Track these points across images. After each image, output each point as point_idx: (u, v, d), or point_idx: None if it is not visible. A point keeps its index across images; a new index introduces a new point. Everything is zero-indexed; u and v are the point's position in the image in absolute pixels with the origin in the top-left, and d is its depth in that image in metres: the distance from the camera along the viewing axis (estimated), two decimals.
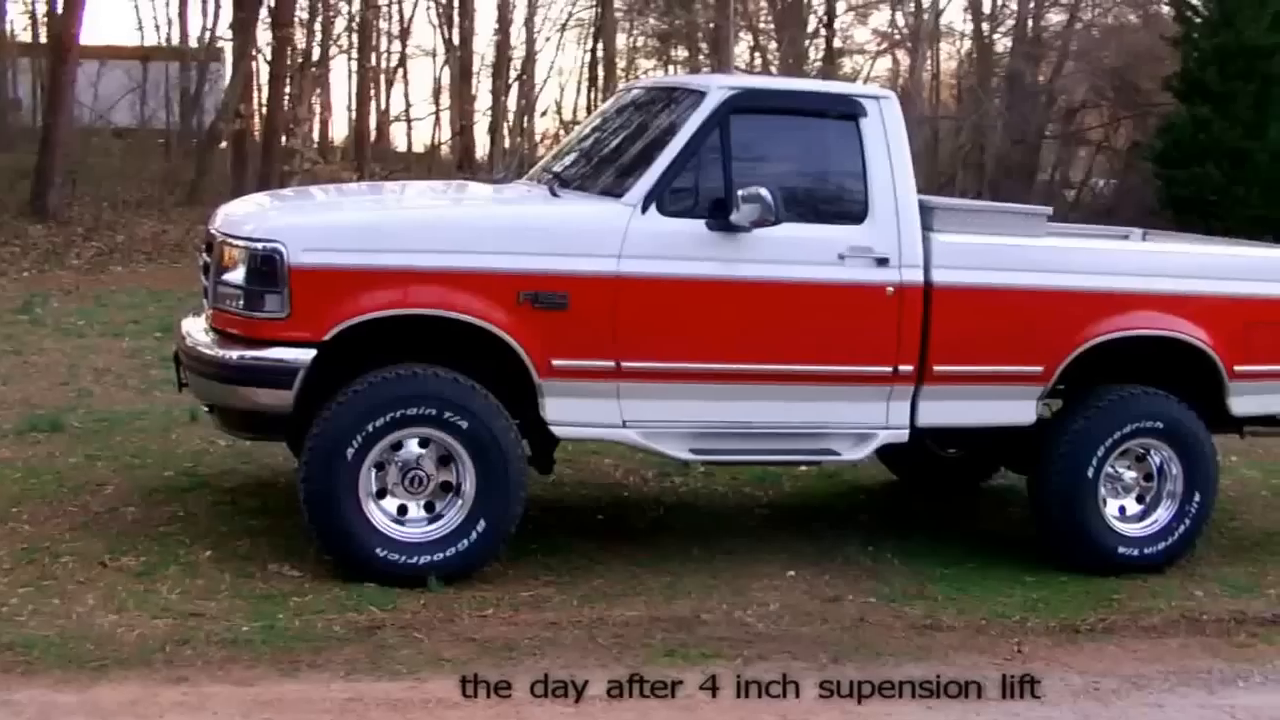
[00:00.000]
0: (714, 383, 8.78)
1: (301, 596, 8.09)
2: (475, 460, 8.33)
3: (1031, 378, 9.34)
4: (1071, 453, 9.46)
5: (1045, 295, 9.29)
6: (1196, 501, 9.73)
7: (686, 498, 10.97)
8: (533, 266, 8.37)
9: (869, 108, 9.12)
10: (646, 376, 8.63)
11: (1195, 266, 9.88)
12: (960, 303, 9.11)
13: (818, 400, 9.01)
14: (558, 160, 10.21)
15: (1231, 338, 9.69)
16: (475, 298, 8.26)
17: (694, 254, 8.63)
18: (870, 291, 8.93)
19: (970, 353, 9.20)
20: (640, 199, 8.60)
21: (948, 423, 9.42)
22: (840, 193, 9.21)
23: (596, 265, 8.45)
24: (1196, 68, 33.48)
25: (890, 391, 9.08)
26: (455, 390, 8.27)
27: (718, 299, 8.73)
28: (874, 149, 9.05)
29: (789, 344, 8.87)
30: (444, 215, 9.05)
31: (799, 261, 8.83)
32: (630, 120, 9.85)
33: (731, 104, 8.86)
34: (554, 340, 8.41)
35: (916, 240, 9.02)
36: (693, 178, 8.76)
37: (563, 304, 8.39)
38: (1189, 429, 9.70)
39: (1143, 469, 9.74)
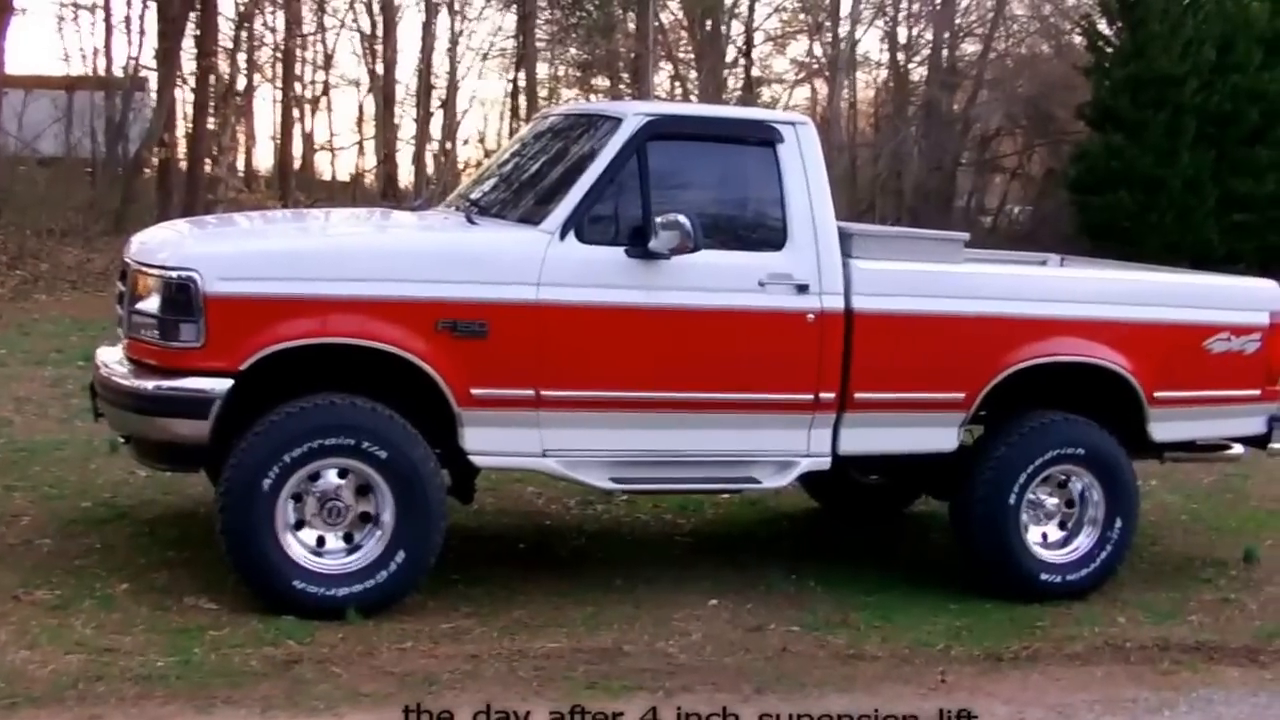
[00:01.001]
0: (634, 411, 8.58)
1: (218, 630, 7.82)
2: (394, 490, 8.09)
3: (953, 404, 9.19)
4: (993, 479, 9.31)
5: (965, 321, 9.15)
6: (1118, 528, 9.61)
7: (609, 526, 10.76)
8: (451, 295, 8.14)
9: (786, 134, 8.95)
10: (566, 405, 8.41)
11: (1115, 292, 9.76)
12: (881, 329, 8.94)
13: (739, 428, 8.83)
14: (476, 187, 9.97)
15: (1151, 364, 9.57)
16: (393, 326, 8.03)
17: (613, 281, 8.43)
18: (790, 318, 8.75)
19: (891, 379, 9.03)
20: (558, 226, 8.39)
21: (869, 450, 9.25)
22: (759, 219, 9.04)
23: (515, 293, 8.24)
24: (1109, 96, 33.67)
25: (812, 419, 8.91)
26: (374, 420, 8.04)
27: (637, 327, 8.54)
28: (792, 175, 8.88)
29: (709, 372, 8.68)
30: (360, 243, 8.81)
31: (719, 289, 8.64)
32: (548, 147, 9.63)
33: (648, 130, 8.67)
34: (473, 369, 8.19)
35: (836, 266, 8.84)
36: (611, 205, 8.56)
37: (481, 332, 8.17)
38: (1110, 455, 9.57)
39: (1064, 495, 9.61)
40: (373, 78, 34.77)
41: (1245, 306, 10.02)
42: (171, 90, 28.01)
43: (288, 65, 33.67)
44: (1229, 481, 13.21)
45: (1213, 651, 8.75)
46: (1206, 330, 9.81)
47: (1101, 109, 33.85)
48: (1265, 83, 31.77)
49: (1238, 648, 8.84)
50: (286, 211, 10.72)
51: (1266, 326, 9.96)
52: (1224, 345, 9.81)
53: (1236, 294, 10.27)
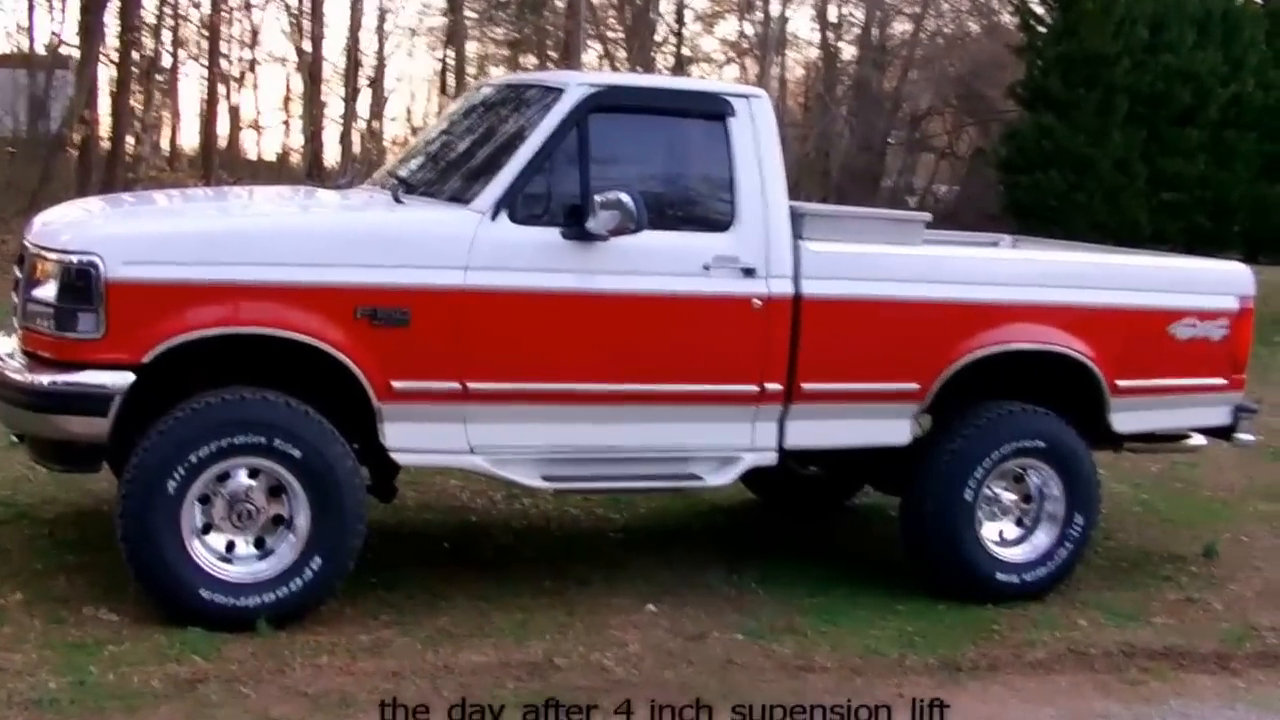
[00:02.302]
0: (568, 404, 7.87)
1: (118, 645, 7.07)
2: (309, 491, 7.36)
3: (907, 395, 8.54)
4: (948, 474, 8.66)
5: (922, 307, 8.49)
6: (1078, 524, 8.99)
7: (537, 522, 10.05)
8: (371, 280, 7.41)
9: (738, 107, 8.26)
10: (495, 398, 7.70)
11: (1076, 276, 9.07)
12: (831, 316, 8.28)
13: (679, 422, 8.14)
14: (404, 164, 9.19)
15: (1113, 351, 8.95)
16: (308, 314, 7.29)
17: (548, 265, 7.73)
18: (736, 304, 8.07)
19: (842, 369, 8.37)
20: (490, 206, 7.68)
21: (818, 444, 8.60)
22: (706, 198, 8.34)
23: (441, 278, 7.52)
24: (1040, 76, 33.66)
25: (756, 412, 8.24)
26: (287, 416, 7.30)
27: (573, 314, 7.82)
28: (743, 151, 8.19)
29: (649, 362, 8.00)
30: (274, 225, 7.95)
31: (660, 273, 7.95)
32: (481, 121, 8.86)
33: (591, 102, 7.96)
34: (394, 360, 7.46)
35: (786, 249, 8.18)
36: (547, 182, 7.84)
37: (403, 320, 7.44)
38: (1070, 448, 8.95)
39: (1021, 490, 8.98)
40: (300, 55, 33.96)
41: (1212, 290, 9.40)
42: (93, 67, 27.07)
43: (213, 41, 32.71)
44: (1177, 470, 12.68)
45: (1181, 658, 8.16)
46: (1171, 315, 9.19)
47: (1033, 88, 33.84)
48: (1197, 63, 31.78)
49: (1207, 653, 8.26)
50: (208, 190, 9.91)
51: (1234, 312, 9.35)
52: (1189, 331, 9.20)
53: (1203, 277, 9.65)
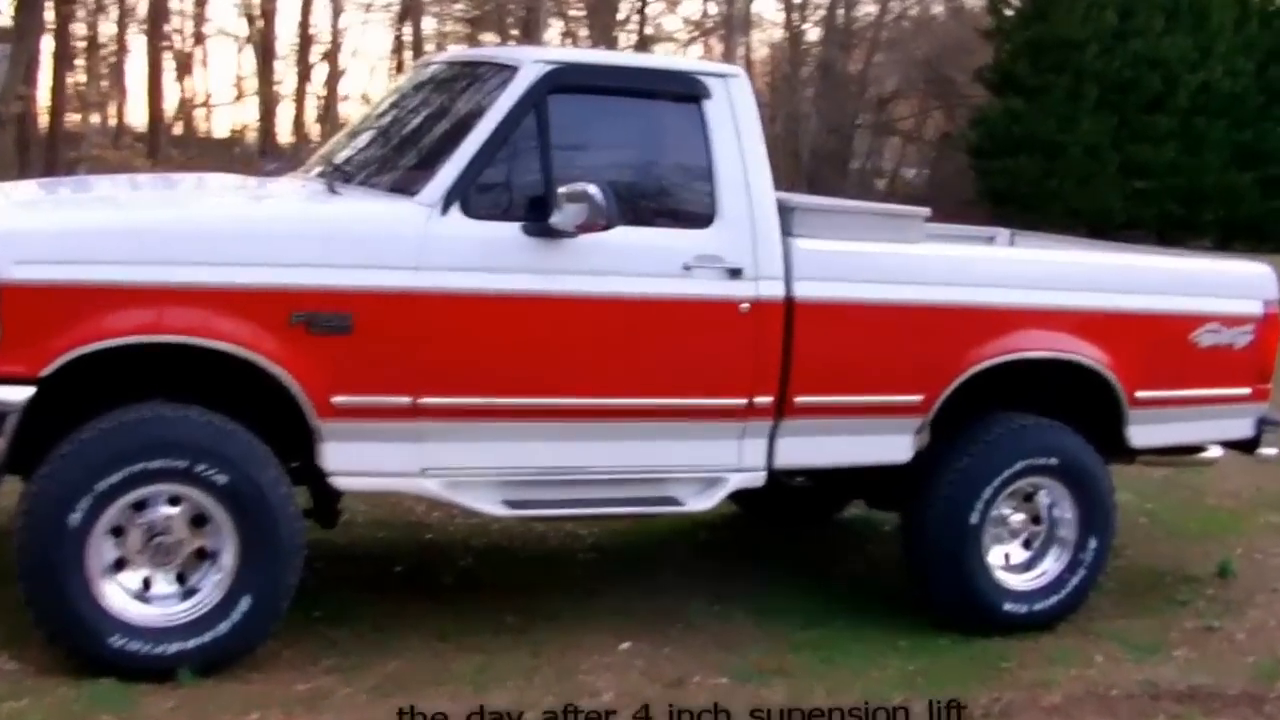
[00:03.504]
0: (531, 420, 6.94)
1: (16, 700, 6.11)
2: (237, 521, 6.41)
3: (909, 408, 7.64)
4: (953, 495, 7.78)
5: (927, 312, 7.58)
6: (1092, 548, 8.13)
7: (499, 540, 9.10)
8: (308, 281, 6.45)
9: (713, 87, 7.33)
10: (449, 414, 6.76)
11: (1093, 278, 8.16)
12: (827, 321, 7.37)
13: (657, 439, 7.21)
14: (341, 149, 8.17)
15: (1132, 359, 8.07)
16: (236, 321, 6.33)
17: (506, 265, 6.79)
18: (720, 308, 7.16)
19: (838, 380, 7.46)
20: (439, 197, 6.73)
21: (811, 463, 7.70)
22: (683, 190, 7.42)
23: (386, 279, 6.57)
24: (1009, 60, 33.18)
25: (744, 428, 7.33)
26: (210, 436, 6.35)
27: (535, 319, 6.89)
28: (721, 137, 7.27)
29: (622, 373, 7.08)
30: (194, 219, 6.93)
31: (634, 273, 7.03)
32: (428, 101, 7.87)
33: (549, 81, 7.01)
34: (335, 372, 6.52)
35: (775, 247, 7.26)
36: (504, 171, 6.91)
37: (345, 327, 6.50)
38: (1086, 465, 8.08)
39: (1030, 510, 8.10)
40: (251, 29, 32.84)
41: (1237, 294, 8.50)
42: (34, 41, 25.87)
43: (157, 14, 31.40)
44: (1180, 476, 11.71)
45: (1211, 700, 7.28)
46: (1194, 321, 8.30)
47: (1002, 73, 33.32)
48: (1165, 49, 31.35)
49: (1237, 694, 7.39)
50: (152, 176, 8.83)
51: (1260, 317, 8.46)
52: (1213, 338, 8.31)
53: (1228, 280, 8.70)
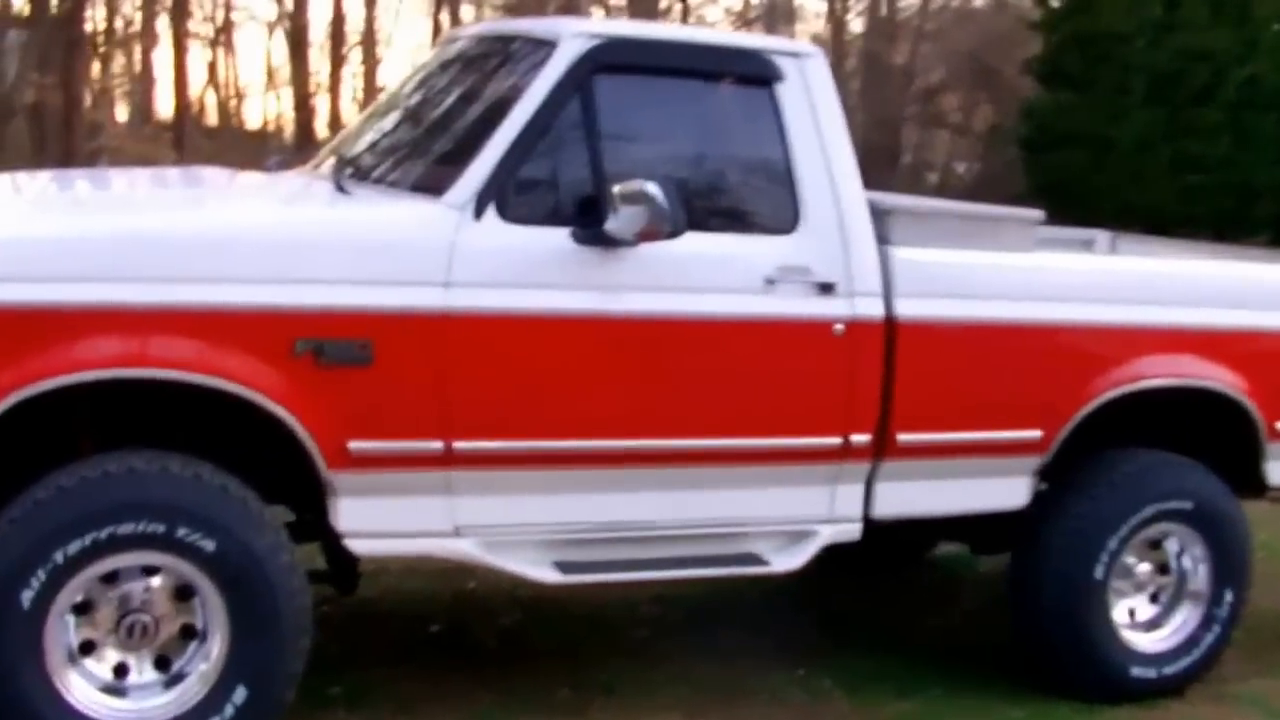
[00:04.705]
0: (585, 468, 5.72)
1: None
2: (228, 596, 5.17)
3: (1027, 446, 6.42)
4: (1073, 545, 6.57)
5: (1049, 333, 6.36)
6: (1228, 601, 6.91)
7: (549, 591, 7.84)
8: (315, 301, 5.22)
9: (787, 69, 6.08)
10: (488, 461, 5.54)
11: (1235, 293, 6.93)
12: (934, 345, 6.15)
13: (735, 487, 5.98)
14: (354, 141, 6.84)
15: (1274, 386, 6.86)
16: (226, 350, 5.10)
17: (554, 280, 5.56)
18: (810, 330, 5.93)
19: (947, 414, 6.24)
20: (471, 198, 5.50)
21: (914, 511, 6.43)
22: (757, 190, 6.16)
23: (411, 298, 5.34)
24: (1056, 52, 32.15)
25: (837, 472, 6.11)
26: (194, 493, 5.10)
27: (589, 345, 5.65)
28: (799, 127, 6.03)
29: (693, 409, 5.84)
30: (168, 228, 5.48)
31: (706, 289, 5.80)
32: (455, 83, 6.54)
33: (592, 59, 5.76)
34: (350, 412, 5.30)
35: (871, 257, 6.04)
36: (547, 167, 5.69)
37: (363, 357, 5.28)
38: (1223, 509, 6.88)
39: (1156, 559, 6.87)
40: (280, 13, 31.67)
41: None
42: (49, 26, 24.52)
43: None
44: None
45: None
46: None
47: (1049, 64, 32.29)
48: (1211, 41, 30.28)
49: None
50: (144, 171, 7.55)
51: None
52: None
53: None
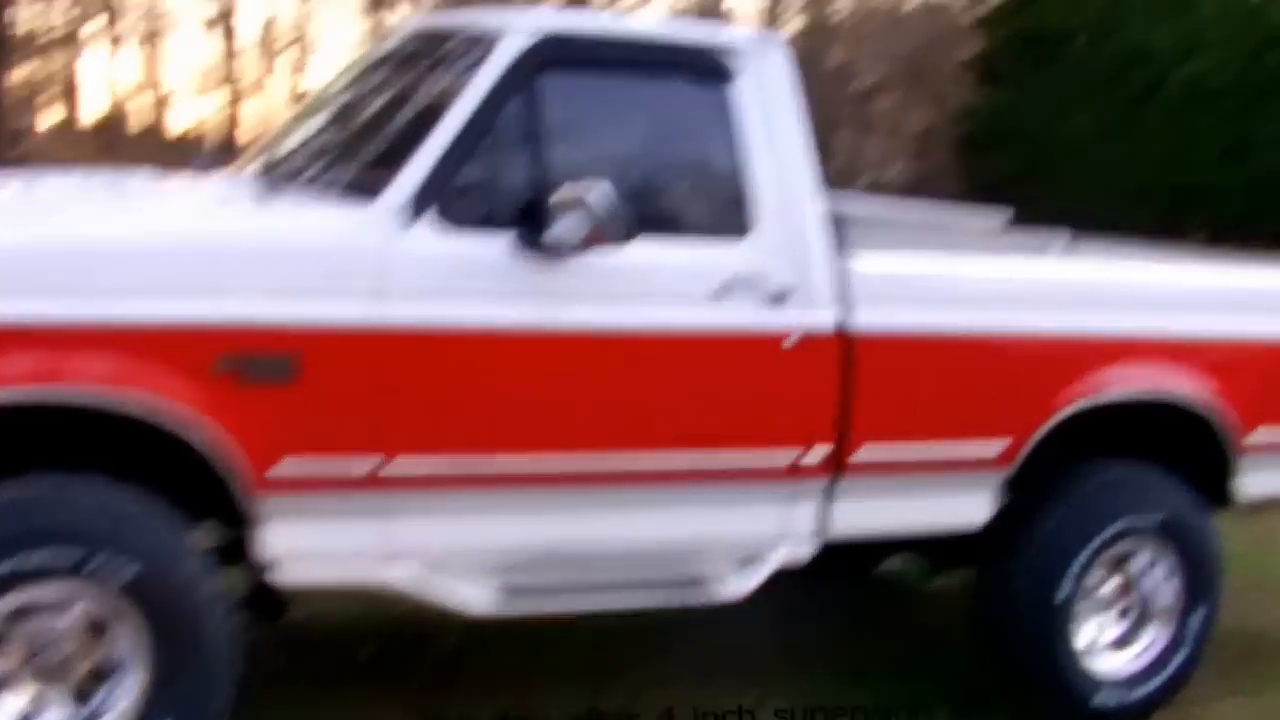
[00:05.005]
0: (526, 488, 5.35)
1: None
2: (149, 629, 4.79)
3: (991, 461, 6.09)
4: (1038, 566, 6.26)
5: (1015, 344, 6.04)
6: (1199, 619, 6.58)
7: None
8: (236, 315, 4.85)
9: (744, 62, 5.74)
10: (423, 483, 5.17)
11: (1198, 297, 6.62)
12: (893, 356, 5.82)
13: (685, 507, 5.63)
14: (283, 141, 6.46)
15: (1246, 396, 6.54)
16: (139, 368, 4.73)
17: (493, 289, 5.20)
18: (761, 342, 5.59)
19: (906, 429, 5.91)
20: (405, 202, 5.12)
21: (872, 529, 6.10)
22: (709, 194, 5.78)
23: (339, 310, 4.97)
24: (996, 52, 32.08)
25: (791, 491, 5.76)
26: (108, 519, 4.71)
27: (530, 360, 5.28)
28: (755, 126, 5.69)
29: (640, 426, 5.50)
30: (74, 237, 5.08)
31: (654, 299, 5.46)
32: (391, 81, 6.13)
33: (538, 54, 5.40)
34: (275, 432, 4.92)
35: (827, 264, 5.71)
36: (487, 170, 5.31)
37: (285, 374, 4.92)
38: (1193, 524, 6.56)
39: (1122, 576, 6.55)
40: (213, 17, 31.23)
41: None
42: None
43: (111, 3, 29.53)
44: None
45: None
46: None
47: (988, 65, 32.22)
48: (1153, 41, 30.31)
49: None
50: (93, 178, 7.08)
51: None
52: None
53: None
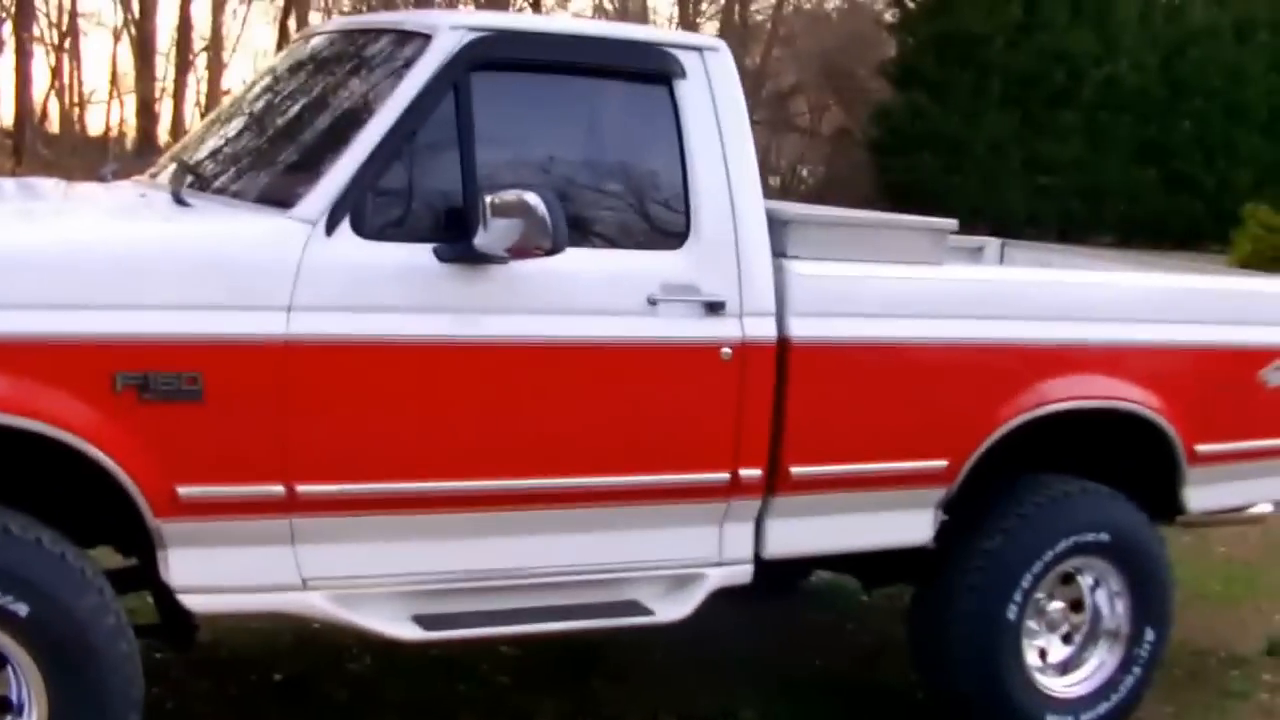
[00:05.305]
0: (447, 511, 4.99)
1: None
2: (46, 667, 4.39)
3: (931, 477, 5.78)
4: (985, 583, 5.94)
5: (956, 353, 5.73)
6: (1149, 640, 6.30)
7: None
8: (138, 330, 4.46)
9: (689, 64, 5.42)
10: (337, 506, 4.81)
11: (1142, 304, 6.31)
12: (831, 368, 5.50)
13: (614, 529, 5.29)
14: (195, 147, 6.05)
15: (1190, 406, 6.26)
16: (34, 384, 4.33)
17: (414, 302, 4.84)
18: (695, 355, 5.26)
19: (844, 444, 5.59)
20: (323, 211, 4.74)
21: (809, 549, 5.81)
22: (646, 200, 5.44)
23: (249, 324, 4.60)
24: (913, 54, 32.00)
25: (725, 509, 5.44)
26: (2, 552, 4.38)
27: (454, 375, 4.92)
28: (698, 130, 5.37)
29: (567, 444, 5.14)
30: None
31: (582, 310, 5.11)
32: (311, 83, 5.80)
33: (471, 54, 5.04)
34: (179, 454, 4.54)
35: (765, 273, 5.38)
36: (411, 176, 4.93)
37: (192, 392, 4.52)
38: (1142, 540, 6.27)
39: (1068, 594, 6.27)
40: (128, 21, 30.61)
41: None
42: None
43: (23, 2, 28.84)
44: None
45: None
46: (1262, 355, 6.51)
47: (905, 67, 32.12)
48: (1070, 43, 30.37)
49: None
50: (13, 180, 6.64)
51: None
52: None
53: None
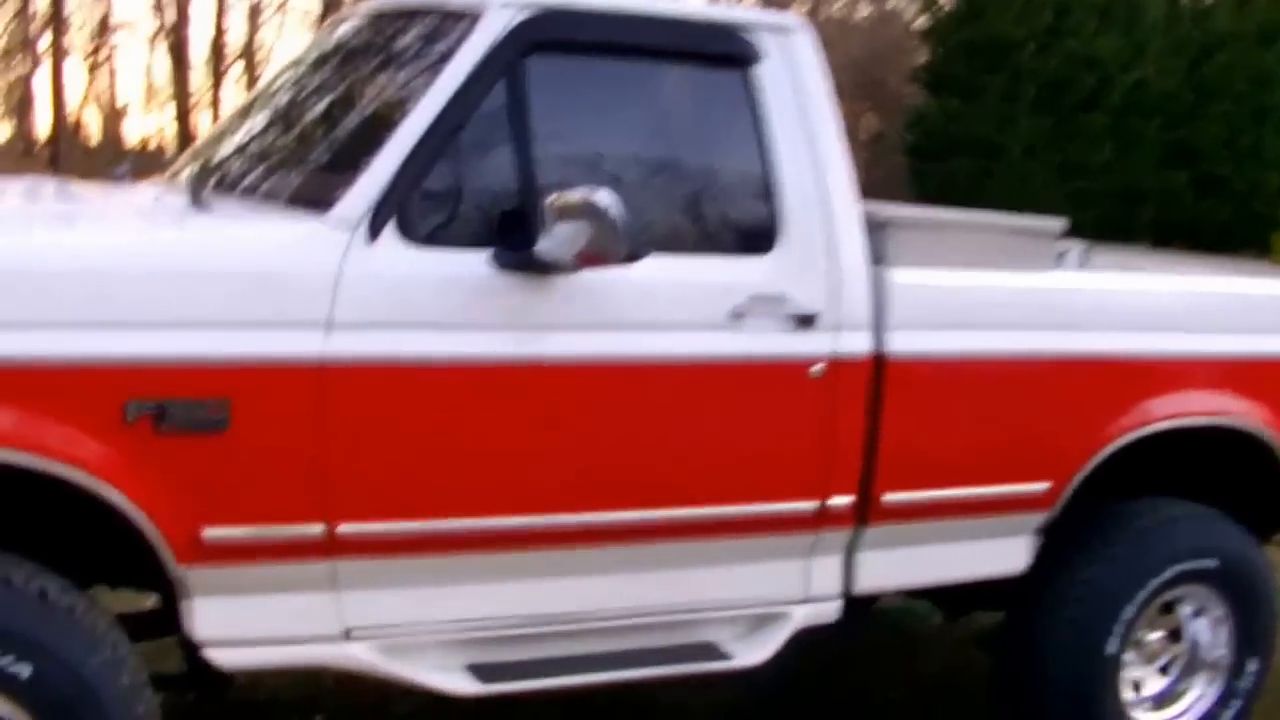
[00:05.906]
0: (505, 551, 4.37)
1: None
2: None
3: (1032, 501, 5.17)
4: (1084, 617, 5.31)
5: (1067, 368, 5.10)
6: (1251, 672, 5.67)
7: None
8: (154, 351, 3.83)
9: (768, 46, 4.77)
10: (383, 548, 4.18)
11: (1250, 314, 5.70)
12: (931, 386, 4.87)
13: (688, 567, 4.67)
14: (217, 145, 5.38)
15: None
16: (36, 413, 3.71)
17: (469, 318, 4.19)
18: (783, 372, 4.63)
19: (941, 468, 4.97)
20: (364, 214, 4.10)
21: (902, 583, 5.22)
22: (728, 200, 4.79)
23: (283, 344, 3.97)
24: (944, 60, 31.68)
25: (813, 542, 4.82)
26: (2, 606, 3.76)
27: (512, 401, 4.28)
28: (781, 119, 4.72)
29: (639, 475, 4.51)
30: None
31: (659, 326, 4.47)
32: (346, 72, 5.09)
33: (525, 35, 4.37)
34: (203, 492, 3.92)
35: (862, 282, 4.75)
36: (462, 174, 4.28)
37: (218, 421, 3.90)
38: (1250, 566, 5.64)
39: (1167, 624, 5.65)
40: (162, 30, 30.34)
41: None
42: None
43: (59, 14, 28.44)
44: None
45: None
46: None
47: (937, 73, 31.84)
48: (1099, 48, 30.13)
49: None
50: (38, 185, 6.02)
51: None
52: None
53: None
